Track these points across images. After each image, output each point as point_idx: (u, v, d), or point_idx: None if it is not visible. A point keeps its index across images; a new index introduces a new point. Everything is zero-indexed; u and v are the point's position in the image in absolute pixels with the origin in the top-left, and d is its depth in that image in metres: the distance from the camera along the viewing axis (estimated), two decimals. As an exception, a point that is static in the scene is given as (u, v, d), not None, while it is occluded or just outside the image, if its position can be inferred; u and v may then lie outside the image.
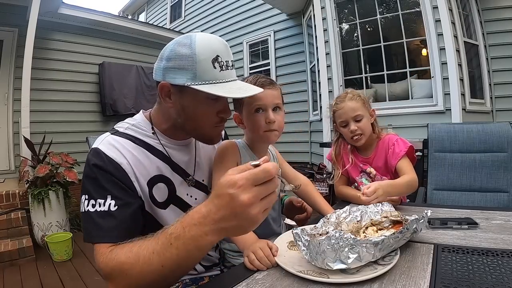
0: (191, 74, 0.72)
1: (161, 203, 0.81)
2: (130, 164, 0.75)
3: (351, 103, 1.23)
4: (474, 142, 1.64)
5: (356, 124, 1.22)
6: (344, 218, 0.84)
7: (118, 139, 0.78)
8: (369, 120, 1.25)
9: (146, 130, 0.82)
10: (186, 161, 0.88)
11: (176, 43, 0.75)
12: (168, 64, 0.74)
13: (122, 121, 0.85)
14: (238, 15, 5.76)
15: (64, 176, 3.07)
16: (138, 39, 5.04)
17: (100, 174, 0.72)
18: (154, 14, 8.36)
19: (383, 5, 3.85)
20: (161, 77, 0.76)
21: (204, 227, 0.56)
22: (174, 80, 0.74)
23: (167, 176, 0.82)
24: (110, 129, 0.83)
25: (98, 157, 0.74)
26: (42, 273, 2.47)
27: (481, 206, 1.53)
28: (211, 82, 0.73)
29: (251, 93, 0.77)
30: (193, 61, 0.72)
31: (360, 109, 1.22)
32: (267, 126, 0.91)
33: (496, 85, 3.46)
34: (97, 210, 0.70)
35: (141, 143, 0.80)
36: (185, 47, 0.73)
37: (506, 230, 0.84)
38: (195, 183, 0.89)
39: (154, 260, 0.59)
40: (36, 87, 3.68)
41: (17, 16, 3.66)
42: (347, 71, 4.02)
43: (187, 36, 0.76)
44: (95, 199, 0.71)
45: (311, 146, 4.81)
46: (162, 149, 0.83)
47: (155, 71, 0.79)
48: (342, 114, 1.24)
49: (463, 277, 0.59)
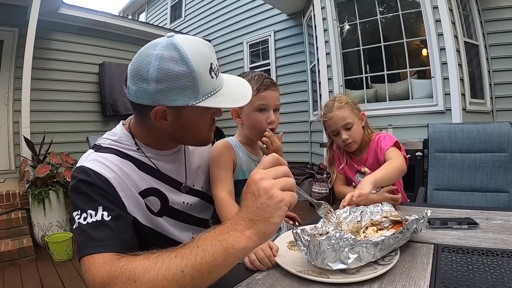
0: (192, 93, 0.67)
1: (156, 213, 0.79)
2: (118, 178, 0.71)
3: (339, 112, 1.22)
4: (474, 142, 1.64)
5: (346, 133, 1.23)
6: (344, 218, 0.84)
7: (103, 154, 0.73)
8: (359, 125, 1.25)
9: (129, 145, 0.77)
10: (176, 170, 0.84)
11: (162, 59, 0.65)
12: (160, 86, 0.65)
13: (101, 137, 0.80)
14: (238, 15, 5.76)
15: (64, 176, 3.07)
16: (138, 39, 5.03)
17: (87, 188, 0.67)
18: (154, 14, 8.37)
19: (383, 5, 3.85)
20: (151, 101, 0.67)
21: (233, 224, 0.53)
22: (173, 102, 0.67)
23: (158, 188, 0.79)
24: (92, 146, 0.78)
25: (84, 173, 0.68)
26: (42, 273, 2.47)
27: (481, 206, 1.53)
28: (212, 93, 0.70)
29: (249, 96, 0.76)
30: (193, 78, 0.66)
31: (349, 117, 1.22)
32: (267, 125, 0.94)
33: (496, 85, 3.46)
34: (89, 222, 0.63)
35: (127, 157, 0.75)
36: (177, 64, 0.65)
37: (506, 230, 0.84)
38: (189, 190, 0.87)
39: (174, 264, 0.51)
40: (36, 87, 3.68)
41: (17, 16, 3.66)
42: (347, 71, 4.02)
43: (169, 45, 0.66)
44: (85, 211, 0.64)
45: (311, 146, 4.81)
46: (148, 162, 0.78)
47: (135, 93, 0.69)
48: (332, 124, 1.25)
49: (463, 277, 0.59)
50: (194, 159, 0.92)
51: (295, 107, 4.95)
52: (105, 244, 0.61)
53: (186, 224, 0.86)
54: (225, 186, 0.89)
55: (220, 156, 0.93)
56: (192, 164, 0.90)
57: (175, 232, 0.83)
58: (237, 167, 0.97)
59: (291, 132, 4.98)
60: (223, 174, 0.91)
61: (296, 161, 4.95)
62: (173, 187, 0.83)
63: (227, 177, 0.91)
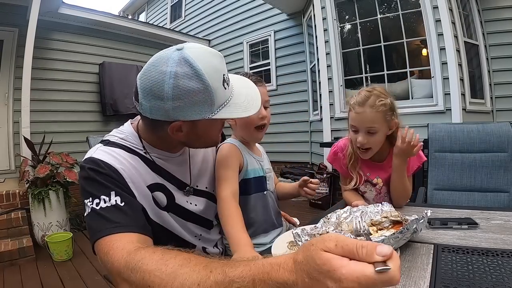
0: (208, 107, 0.68)
1: (163, 208, 0.80)
2: (127, 170, 0.72)
3: (371, 112, 1.04)
4: (474, 142, 1.64)
5: (366, 137, 1.07)
6: (345, 218, 0.84)
7: (112, 148, 0.74)
8: (384, 134, 1.09)
9: (136, 145, 0.79)
10: (181, 171, 0.86)
11: (176, 76, 0.64)
12: (177, 103, 0.65)
13: (109, 133, 0.81)
14: (238, 15, 5.75)
15: (65, 176, 3.07)
16: (138, 39, 5.04)
17: (99, 176, 0.68)
18: (154, 14, 8.36)
19: (383, 5, 3.85)
20: (166, 117, 0.68)
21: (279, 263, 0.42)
22: (190, 117, 0.68)
23: (165, 185, 0.80)
24: (100, 141, 0.79)
25: (95, 163, 0.70)
26: (42, 273, 2.47)
27: (481, 206, 1.53)
28: (225, 104, 0.71)
29: (259, 103, 0.79)
30: (209, 93, 0.66)
31: (378, 122, 1.05)
32: (259, 121, 0.96)
33: (496, 85, 3.45)
34: (102, 207, 0.64)
35: (134, 153, 0.77)
36: (193, 80, 0.65)
37: (506, 230, 0.84)
38: (194, 191, 0.88)
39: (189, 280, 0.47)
40: (36, 87, 3.68)
41: (17, 16, 3.66)
42: (347, 71, 4.02)
43: (181, 61, 0.65)
44: (98, 196, 0.65)
45: (311, 146, 4.81)
46: (155, 161, 0.80)
47: (151, 111, 0.68)
48: (356, 120, 1.08)
49: (463, 277, 0.59)
50: (198, 160, 0.93)
51: (295, 107, 4.95)
52: (122, 225, 0.61)
53: (190, 223, 0.87)
54: (230, 186, 0.90)
55: (227, 158, 0.94)
56: (196, 165, 0.92)
57: (181, 230, 0.84)
58: (243, 168, 0.98)
59: (291, 132, 4.98)
60: (229, 175, 0.92)
61: (296, 161, 4.95)
62: (179, 187, 0.84)
63: (232, 177, 0.92)
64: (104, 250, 0.58)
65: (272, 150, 1.06)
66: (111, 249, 0.57)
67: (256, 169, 1.02)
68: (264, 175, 1.04)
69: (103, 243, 0.59)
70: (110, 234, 0.59)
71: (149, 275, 0.50)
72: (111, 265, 0.55)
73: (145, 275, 0.50)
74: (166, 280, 0.48)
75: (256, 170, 1.01)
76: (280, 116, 4.97)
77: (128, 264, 0.53)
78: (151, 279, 0.49)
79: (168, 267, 0.49)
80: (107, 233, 0.60)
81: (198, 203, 0.88)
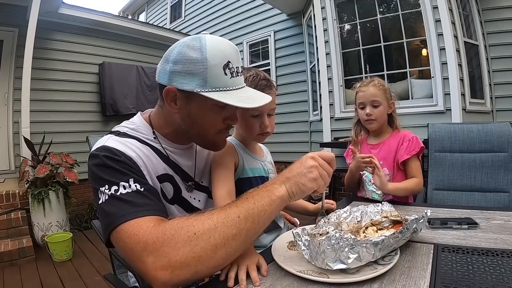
0: (201, 80, 0.69)
1: (169, 200, 0.81)
2: (140, 159, 0.73)
3: (373, 89, 1.32)
4: (474, 142, 1.64)
5: (372, 109, 1.31)
6: (345, 218, 0.83)
7: (124, 138, 0.75)
8: (385, 109, 1.33)
9: (147, 134, 0.80)
10: (187, 165, 0.87)
11: (184, 45, 0.71)
12: (176, 67, 0.70)
13: (119, 124, 0.82)
14: (238, 15, 5.76)
15: (64, 176, 3.07)
16: (138, 39, 5.03)
17: (115, 163, 0.68)
18: (154, 14, 8.37)
19: (383, 5, 3.85)
20: (167, 81, 0.72)
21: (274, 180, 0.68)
22: (182, 85, 0.70)
23: (173, 176, 0.81)
24: (110, 132, 0.80)
25: (109, 151, 0.69)
26: (42, 273, 2.47)
27: (481, 206, 1.53)
28: (221, 89, 0.71)
29: (260, 103, 0.76)
30: (203, 67, 0.69)
31: (380, 97, 1.31)
32: (261, 129, 0.93)
33: (496, 85, 3.46)
34: (123, 193, 0.63)
35: (146, 143, 0.78)
36: (195, 51, 0.70)
37: (506, 230, 0.84)
38: (196, 185, 0.89)
39: (230, 212, 0.60)
40: (36, 87, 3.68)
41: (17, 16, 3.66)
42: (347, 71, 4.02)
43: (196, 38, 0.72)
44: (117, 183, 0.64)
45: (311, 146, 4.81)
46: (164, 152, 0.81)
47: (158, 72, 0.75)
48: (362, 97, 1.35)
49: (463, 277, 0.59)
50: (204, 156, 0.94)
51: (295, 107, 4.95)
52: (146, 209, 0.62)
53: None
54: (225, 186, 0.89)
55: (222, 156, 0.93)
56: (202, 161, 0.93)
57: None
58: (239, 167, 0.97)
59: (291, 132, 4.98)
60: (224, 174, 0.91)
61: (296, 161, 4.95)
62: (184, 180, 0.85)
63: (227, 177, 0.91)
64: (129, 232, 0.58)
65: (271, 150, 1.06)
66: (139, 231, 0.57)
67: (256, 168, 1.01)
68: (267, 175, 1.03)
69: (127, 227, 0.59)
70: (137, 217, 0.60)
71: (191, 224, 0.58)
72: (144, 244, 0.56)
73: (188, 227, 0.57)
74: (206, 218, 0.60)
75: (256, 169, 1.00)
76: (280, 116, 4.96)
77: (166, 231, 0.57)
78: (193, 224, 0.58)
79: (204, 214, 0.61)
80: (130, 217, 0.60)
81: (201, 199, 0.89)
